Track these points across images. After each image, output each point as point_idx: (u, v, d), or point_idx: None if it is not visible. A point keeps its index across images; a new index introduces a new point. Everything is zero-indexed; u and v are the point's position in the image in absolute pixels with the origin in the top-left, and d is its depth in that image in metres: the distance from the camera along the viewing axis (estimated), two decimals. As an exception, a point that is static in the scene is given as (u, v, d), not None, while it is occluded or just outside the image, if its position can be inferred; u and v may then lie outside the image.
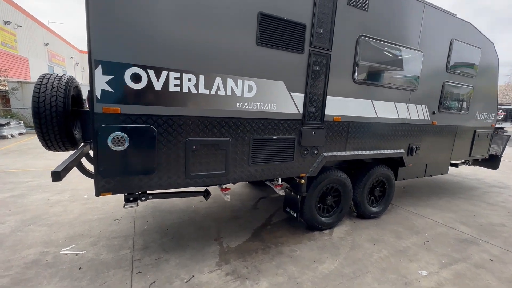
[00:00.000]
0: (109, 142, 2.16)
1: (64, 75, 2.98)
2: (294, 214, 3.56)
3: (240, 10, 2.50)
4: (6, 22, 16.93)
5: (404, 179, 4.70)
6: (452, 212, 4.80)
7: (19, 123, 11.64)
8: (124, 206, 2.55)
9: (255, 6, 2.56)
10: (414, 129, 4.23)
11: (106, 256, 2.93)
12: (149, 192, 2.64)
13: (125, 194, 2.58)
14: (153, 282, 2.55)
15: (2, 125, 10.27)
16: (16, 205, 4.14)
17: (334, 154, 3.45)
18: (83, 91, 3.21)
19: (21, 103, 12.87)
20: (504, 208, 5.14)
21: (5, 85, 13.21)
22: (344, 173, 3.79)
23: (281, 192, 3.58)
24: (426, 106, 4.28)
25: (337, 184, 3.76)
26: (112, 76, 2.09)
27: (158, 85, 2.26)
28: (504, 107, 17.82)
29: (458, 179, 7.31)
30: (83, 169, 2.67)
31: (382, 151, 3.93)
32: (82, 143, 3.19)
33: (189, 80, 2.38)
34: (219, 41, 2.45)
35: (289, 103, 2.96)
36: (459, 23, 4.33)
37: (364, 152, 3.73)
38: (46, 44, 22.93)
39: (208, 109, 2.52)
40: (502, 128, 6.51)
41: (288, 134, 3.05)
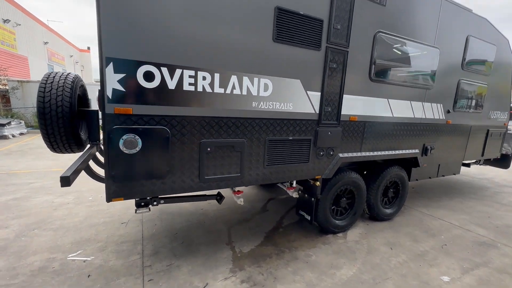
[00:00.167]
0: (121, 145, 2.03)
1: (69, 73, 2.84)
2: (308, 217, 3.44)
3: (257, 4, 2.36)
4: (5, 21, 16.73)
5: (417, 180, 4.58)
6: (466, 213, 4.69)
7: (20, 122, 11.49)
8: (135, 212, 2.43)
9: (272, 0, 2.43)
10: (429, 129, 4.11)
11: (115, 262, 2.81)
12: (160, 196, 2.52)
13: (137, 199, 2.46)
14: (166, 290, 2.44)
15: (3, 125, 10.13)
16: (19, 208, 4.01)
17: (350, 155, 3.32)
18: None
19: (21, 102, 12.72)
20: (518, 209, 5.03)
21: (5, 84, 13.05)
22: (358, 174, 3.67)
23: (294, 195, 3.47)
24: (441, 105, 4.15)
25: (351, 186, 3.64)
26: (124, 75, 1.96)
27: (171, 84, 2.13)
28: None
29: (467, 178, 7.19)
30: (91, 173, 2.55)
31: (397, 152, 3.80)
32: (89, 145, 3.06)
33: (204, 78, 2.25)
34: (235, 37, 2.32)
35: (306, 102, 2.83)
36: (475, 19, 4.20)
37: (379, 153, 3.61)
38: (46, 43, 22.72)
39: (223, 109, 2.39)
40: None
41: (304, 135, 2.92)
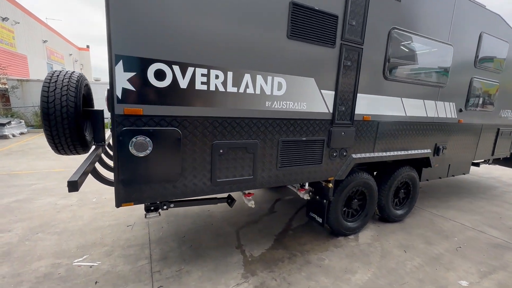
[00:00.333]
0: (131, 147, 1.93)
1: (74, 72, 2.73)
2: (319, 219, 3.35)
3: (272, 0, 2.25)
4: (4, 19, 16.52)
5: (427, 180, 4.49)
6: (477, 214, 4.60)
7: (20, 122, 11.37)
8: (145, 217, 2.33)
9: (287, -5, 2.32)
10: (441, 128, 4.01)
11: (122, 268, 2.72)
12: (170, 200, 2.42)
13: (146, 204, 2.36)
14: (177, 298, 2.35)
15: (3, 125, 10.01)
16: (22, 210, 3.92)
17: (363, 155, 3.23)
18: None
19: (21, 101, 12.59)
20: (529, 209, 4.95)
21: (4, 83, 12.90)
22: (370, 175, 3.58)
23: (305, 197, 3.37)
24: (453, 103, 4.05)
25: (363, 187, 3.55)
26: (134, 73, 1.86)
27: (183, 83, 2.03)
28: None
29: (474, 178, 7.11)
30: (98, 176, 2.44)
31: (410, 152, 3.71)
32: (94, 146, 2.96)
33: (217, 77, 2.14)
34: (249, 34, 2.21)
35: (319, 101, 2.73)
36: (488, 15, 4.09)
37: (392, 153, 3.51)
38: (45, 41, 22.49)
39: (236, 109, 2.29)
40: None
41: (317, 135, 2.82)
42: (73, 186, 1.81)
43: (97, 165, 2.63)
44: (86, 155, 2.68)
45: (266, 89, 2.39)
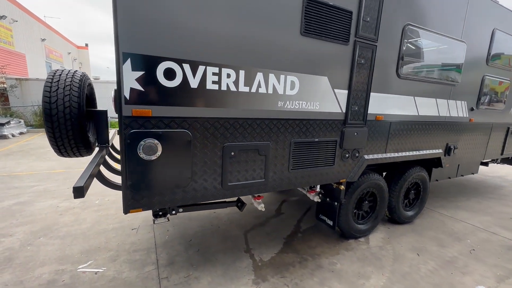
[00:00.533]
0: (139, 150, 1.83)
1: (76, 71, 2.63)
2: (330, 222, 3.26)
3: (284, -7, 2.14)
4: (2, 17, 16.32)
5: (437, 180, 4.40)
6: (487, 214, 4.52)
7: (20, 122, 11.23)
8: (154, 223, 2.24)
9: (300, -11, 2.21)
10: (452, 128, 3.91)
11: (129, 274, 2.63)
12: (180, 205, 2.32)
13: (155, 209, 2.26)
14: (187, 306, 2.25)
15: (2, 124, 9.87)
16: (23, 214, 3.82)
17: (375, 156, 3.13)
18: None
19: (20, 101, 12.43)
20: (539, 209, 4.87)
21: (3, 83, 12.74)
22: (380, 176, 3.49)
23: (315, 199, 3.28)
24: (465, 102, 3.95)
25: (374, 188, 3.46)
26: (143, 72, 1.75)
27: (194, 83, 1.92)
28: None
29: (480, 177, 7.03)
30: (103, 179, 2.34)
31: (421, 152, 3.61)
32: (97, 148, 2.86)
33: (228, 76, 2.04)
34: (262, 30, 2.10)
35: (332, 101, 2.63)
36: (502, 12, 3.97)
37: (404, 154, 3.42)
38: (43, 40, 22.26)
39: (248, 110, 2.19)
40: None
41: (329, 136, 2.72)
42: (79, 192, 1.71)
43: (101, 168, 2.53)
44: (87, 156, 2.58)
45: (278, 88, 2.28)
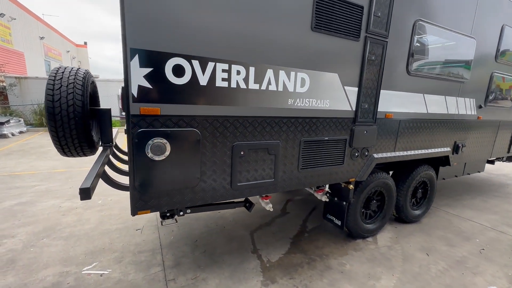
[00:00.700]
0: (147, 150, 1.77)
1: (79, 68, 2.55)
2: (338, 222, 3.21)
3: (296, -13, 2.07)
4: (0, 15, 16.17)
5: (444, 179, 4.35)
6: (494, 213, 4.48)
7: (19, 120, 11.15)
8: (161, 224, 2.18)
9: (311, -17, 2.14)
10: (461, 125, 3.85)
11: (135, 276, 2.57)
12: (188, 206, 2.26)
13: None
14: (195, 309, 2.20)
15: (2, 124, 9.78)
16: (25, 214, 3.76)
17: (384, 155, 3.07)
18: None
19: (19, 99, 12.34)
20: (546, 207, 4.82)
21: (2, 81, 12.63)
22: (388, 175, 3.44)
23: (323, 198, 3.22)
24: (474, 99, 3.89)
25: (382, 187, 3.40)
26: (151, 69, 1.68)
27: (203, 80, 1.86)
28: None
29: (484, 175, 6.98)
30: (109, 180, 2.28)
31: (430, 150, 3.56)
32: (101, 147, 2.79)
33: (238, 73, 1.97)
34: (272, 26, 2.03)
35: (342, 98, 2.57)
36: (511, 7, 3.90)
37: (412, 152, 3.36)
38: (42, 38, 22.09)
39: (258, 108, 2.12)
40: None
41: (339, 135, 2.66)
42: (86, 193, 1.65)
43: (106, 168, 2.47)
44: (89, 156, 2.52)
45: (289, 85, 2.22)
